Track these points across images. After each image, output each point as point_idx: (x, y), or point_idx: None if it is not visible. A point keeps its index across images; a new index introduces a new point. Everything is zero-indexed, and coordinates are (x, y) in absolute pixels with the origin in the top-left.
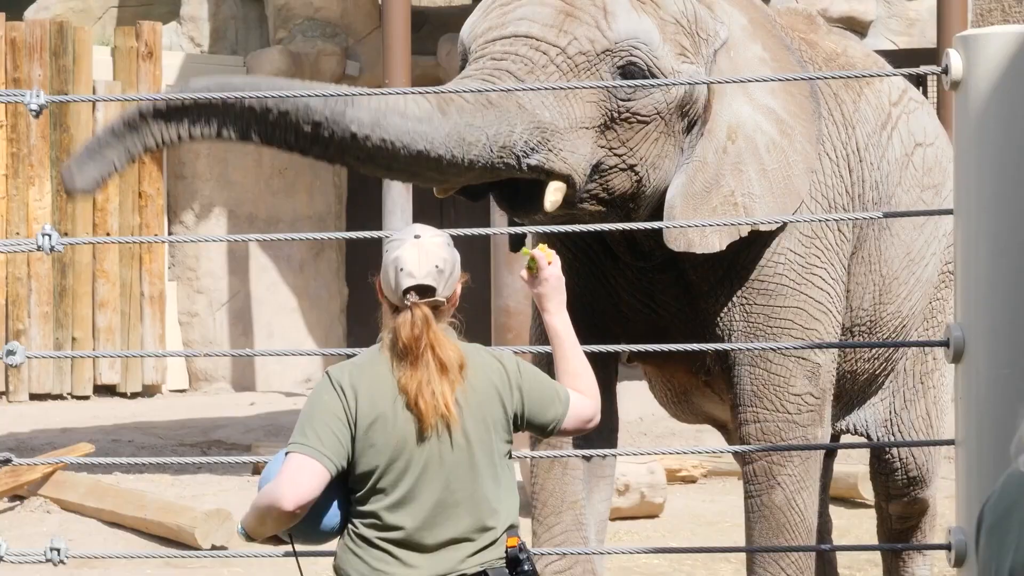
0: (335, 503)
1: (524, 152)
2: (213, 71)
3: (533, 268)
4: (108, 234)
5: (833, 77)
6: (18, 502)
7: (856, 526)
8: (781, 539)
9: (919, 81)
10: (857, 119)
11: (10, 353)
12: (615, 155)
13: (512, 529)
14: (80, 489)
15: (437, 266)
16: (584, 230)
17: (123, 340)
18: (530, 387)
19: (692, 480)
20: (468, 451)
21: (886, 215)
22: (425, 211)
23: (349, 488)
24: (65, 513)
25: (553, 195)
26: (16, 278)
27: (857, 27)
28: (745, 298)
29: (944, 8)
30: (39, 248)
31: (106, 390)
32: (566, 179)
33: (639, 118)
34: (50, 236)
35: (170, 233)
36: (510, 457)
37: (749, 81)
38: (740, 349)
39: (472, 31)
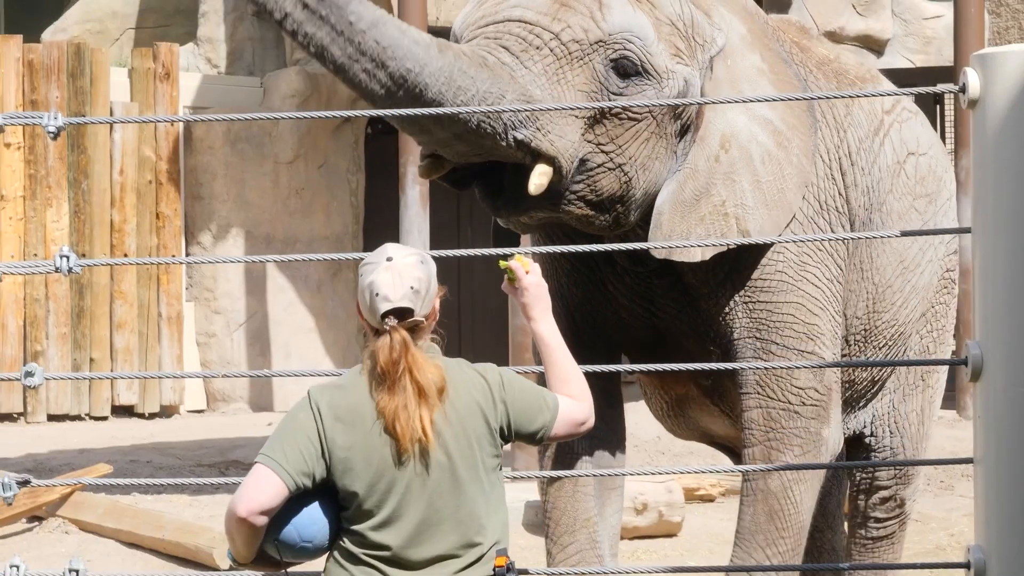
0: (323, 517)
1: (511, 123)
2: (230, 92)
3: (512, 278)
4: (126, 255)
5: (845, 96)
6: (36, 523)
7: None
8: (771, 525)
9: (936, 99)
10: (849, 123)
11: (29, 375)
12: (603, 152)
13: (499, 546)
14: (98, 510)
15: (412, 287)
16: (580, 251)
17: (141, 361)
18: (514, 398)
19: (710, 499)
20: (451, 469)
21: (904, 234)
22: (442, 231)
23: (340, 505)
24: (83, 534)
25: (538, 179)
26: (34, 299)
27: (874, 45)
28: (748, 296)
29: (961, 26)
30: (57, 270)
31: (124, 411)
32: (551, 162)
33: (630, 115)
34: (68, 258)
35: (187, 254)
36: (500, 469)
37: (754, 100)
38: (747, 353)
39: (464, 21)
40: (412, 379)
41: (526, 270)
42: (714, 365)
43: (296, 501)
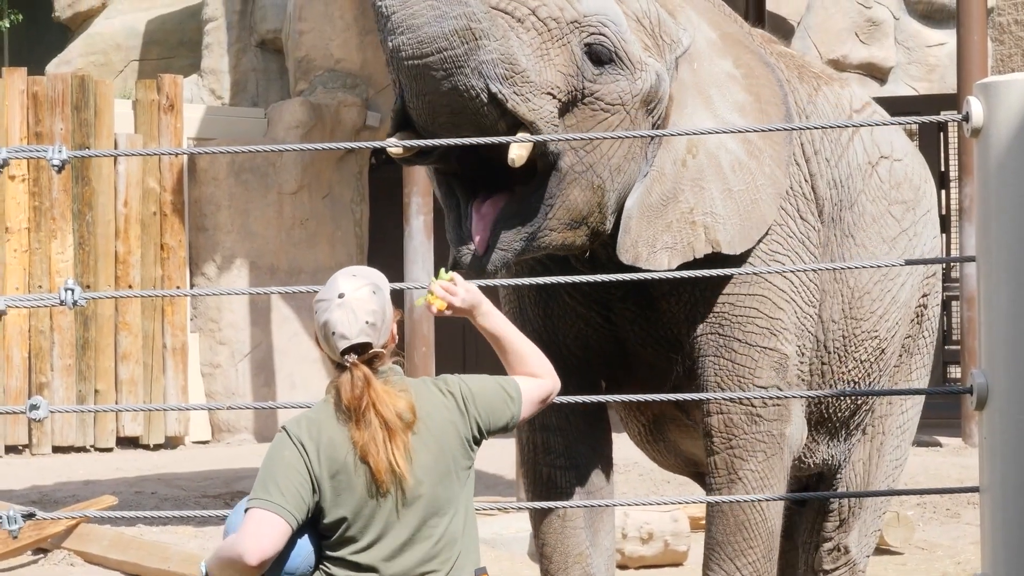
0: (308, 546)
1: (488, 72)
2: (234, 123)
3: (440, 307)
4: (130, 286)
5: (845, 126)
6: (42, 555)
7: (879, 573)
8: (739, 537)
9: (939, 127)
10: (811, 111)
11: (34, 408)
12: (571, 148)
13: (476, 563)
14: (103, 542)
15: (368, 321)
16: (546, 282)
17: (146, 392)
18: (477, 404)
19: None
20: (432, 490)
21: (908, 262)
22: (446, 261)
23: (320, 533)
24: (88, 566)
25: (518, 149)
26: (39, 331)
27: (877, 73)
28: (710, 290)
29: (964, 54)
30: (62, 303)
31: (129, 442)
32: (531, 126)
33: (602, 105)
34: (73, 291)
35: (192, 285)
36: (470, 470)
37: (745, 132)
38: (708, 351)
39: None
40: (377, 413)
41: (439, 308)
42: (688, 396)
43: None
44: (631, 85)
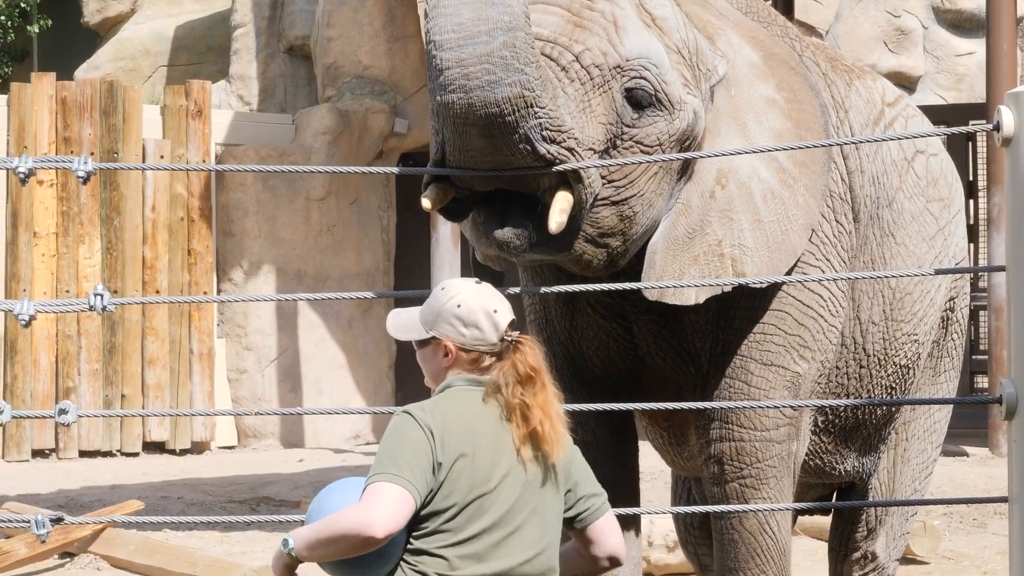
0: (404, 535)
1: (540, 134)
2: (262, 129)
3: None
4: (157, 291)
5: (879, 140)
6: (68, 559)
7: None
8: (751, 564)
9: (968, 136)
10: (849, 104)
11: (63, 412)
12: (612, 184)
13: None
14: (130, 546)
15: (507, 301)
16: (586, 290)
17: (172, 397)
18: (577, 464)
19: None
20: (545, 499)
21: (939, 271)
22: (472, 270)
23: (407, 527)
24: (115, 570)
25: (559, 216)
26: (66, 336)
27: (905, 82)
28: (730, 303)
29: (993, 63)
30: (91, 308)
31: (155, 447)
32: (575, 183)
33: (641, 147)
34: (102, 296)
35: (219, 290)
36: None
37: (775, 150)
38: (724, 371)
39: None
40: (547, 384)
41: None
42: (706, 405)
43: None
44: (669, 126)
